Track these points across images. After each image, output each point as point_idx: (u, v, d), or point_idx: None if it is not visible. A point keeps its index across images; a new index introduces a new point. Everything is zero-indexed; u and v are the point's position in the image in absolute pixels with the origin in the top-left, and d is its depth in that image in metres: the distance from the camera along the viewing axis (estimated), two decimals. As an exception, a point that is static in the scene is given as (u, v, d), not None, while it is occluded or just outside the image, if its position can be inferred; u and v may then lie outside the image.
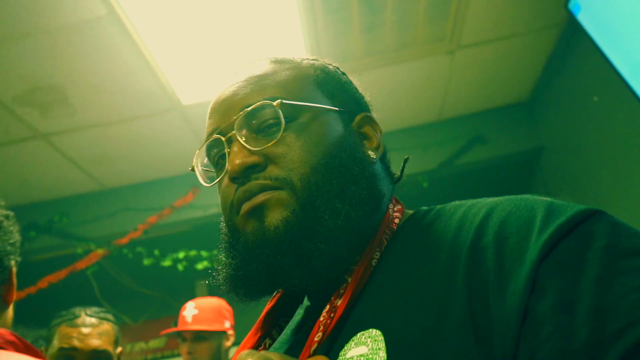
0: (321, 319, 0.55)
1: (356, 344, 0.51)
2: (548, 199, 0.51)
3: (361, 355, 0.49)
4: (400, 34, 2.53)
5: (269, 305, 0.68)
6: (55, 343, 1.58)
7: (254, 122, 0.62)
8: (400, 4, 2.32)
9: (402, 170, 0.73)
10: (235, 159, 0.60)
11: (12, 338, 0.81)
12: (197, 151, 0.68)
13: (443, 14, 2.43)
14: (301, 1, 2.22)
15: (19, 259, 0.93)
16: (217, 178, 0.67)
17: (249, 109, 0.62)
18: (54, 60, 2.29)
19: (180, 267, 3.41)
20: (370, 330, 0.51)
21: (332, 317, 0.54)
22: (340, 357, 0.52)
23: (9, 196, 3.20)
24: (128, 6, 2.09)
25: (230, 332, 2.39)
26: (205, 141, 0.66)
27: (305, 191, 0.58)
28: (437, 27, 2.52)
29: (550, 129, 3.19)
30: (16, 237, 0.93)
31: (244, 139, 0.61)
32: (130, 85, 2.55)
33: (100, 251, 3.39)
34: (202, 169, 0.69)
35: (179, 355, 2.51)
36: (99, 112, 2.71)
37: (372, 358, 0.48)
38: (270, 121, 0.62)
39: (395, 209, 0.66)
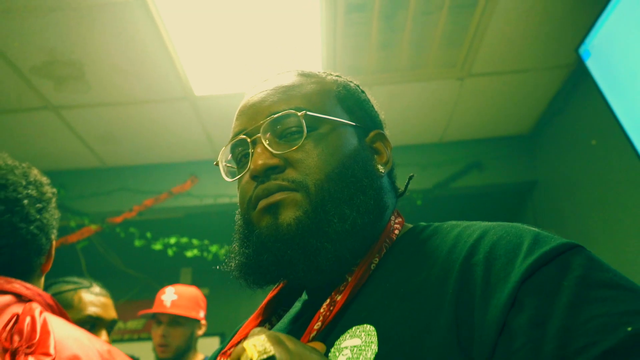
0: (321, 310, 0.61)
1: (351, 336, 0.57)
2: (536, 229, 0.58)
3: (355, 346, 0.55)
4: (415, 55, 2.60)
5: (271, 294, 0.74)
6: (79, 308, 1.56)
7: (278, 127, 0.68)
8: (419, 26, 2.40)
9: (407, 186, 0.79)
10: (258, 160, 0.66)
11: (51, 302, 0.89)
12: (223, 148, 0.74)
13: (458, 41, 2.51)
14: (324, 10, 2.28)
15: (57, 233, 1.00)
16: (238, 175, 0.72)
17: (276, 115, 0.68)
18: (77, 36, 2.34)
19: (170, 252, 3.45)
20: (365, 325, 0.57)
21: (332, 310, 0.61)
22: (335, 346, 0.58)
23: (11, 162, 3.21)
24: (157, -6, 2.15)
25: (203, 322, 2.46)
26: (231, 140, 0.72)
27: (318, 195, 0.64)
28: (451, 53, 2.60)
29: (546, 164, 3.27)
30: (58, 212, 1.01)
31: (267, 142, 0.67)
32: (146, 69, 2.60)
33: (93, 227, 3.43)
34: (225, 165, 0.75)
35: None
36: (112, 92, 2.76)
37: (365, 349, 0.54)
38: (293, 129, 0.68)
39: (397, 221, 0.73)
